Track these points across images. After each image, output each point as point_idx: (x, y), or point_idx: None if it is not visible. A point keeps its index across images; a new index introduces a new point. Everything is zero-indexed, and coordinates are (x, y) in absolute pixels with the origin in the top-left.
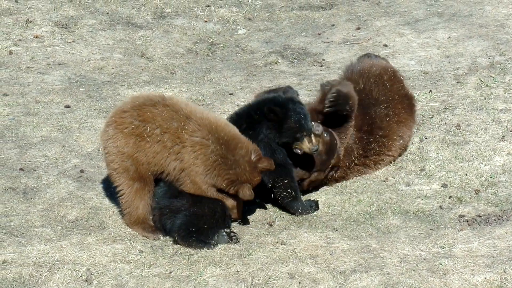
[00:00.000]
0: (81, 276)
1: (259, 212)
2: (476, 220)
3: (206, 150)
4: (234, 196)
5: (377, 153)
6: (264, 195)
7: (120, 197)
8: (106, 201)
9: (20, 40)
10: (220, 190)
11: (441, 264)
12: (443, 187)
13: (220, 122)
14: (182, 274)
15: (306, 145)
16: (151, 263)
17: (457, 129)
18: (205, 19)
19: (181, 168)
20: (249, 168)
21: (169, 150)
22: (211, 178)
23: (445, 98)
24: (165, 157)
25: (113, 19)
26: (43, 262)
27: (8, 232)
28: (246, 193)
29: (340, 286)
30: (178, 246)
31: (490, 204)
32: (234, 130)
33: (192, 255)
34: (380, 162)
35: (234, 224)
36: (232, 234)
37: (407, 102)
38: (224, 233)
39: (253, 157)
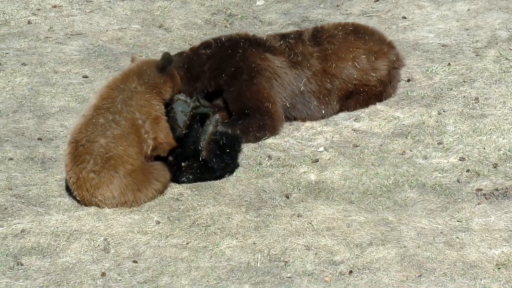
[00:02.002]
0: (98, 245)
1: (275, 184)
2: (493, 194)
3: None
4: None
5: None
6: None
7: None
8: None
9: (38, 9)
10: None
11: (458, 238)
12: (460, 160)
13: None
14: (199, 245)
15: None
16: (168, 234)
17: (476, 103)
18: None
19: None
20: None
21: None
22: None
23: (464, 71)
24: None
25: None
26: (61, 231)
27: (26, 201)
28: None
29: (356, 258)
30: (195, 217)
31: (508, 178)
32: None
33: (209, 226)
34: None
35: (250, 196)
36: None
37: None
38: None
39: None
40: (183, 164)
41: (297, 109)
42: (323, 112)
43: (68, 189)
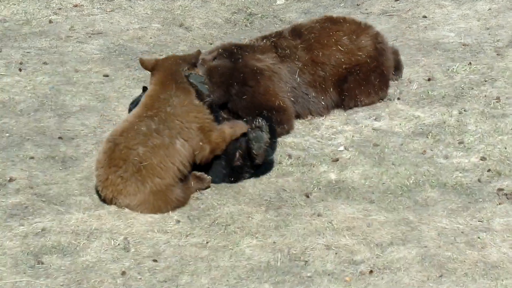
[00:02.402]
0: (118, 244)
1: (295, 183)
2: None
3: None
4: None
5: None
6: None
7: None
8: None
9: (60, 9)
10: None
11: (479, 238)
12: (482, 160)
13: None
14: (219, 244)
15: None
16: (188, 233)
17: (497, 102)
18: None
19: None
20: None
21: None
22: None
23: (485, 70)
24: None
25: None
26: (81, 230)
27: (47, 200)
28: None
29: (377, 258)
30: (215, 216)
31: None
32: None
33: (229, 225)
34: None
35: (270, 195)
36: None
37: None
38: None
39: None
40: (238, 163)
41: (299, 104)
42: (323, 102)
43: (89, 184)
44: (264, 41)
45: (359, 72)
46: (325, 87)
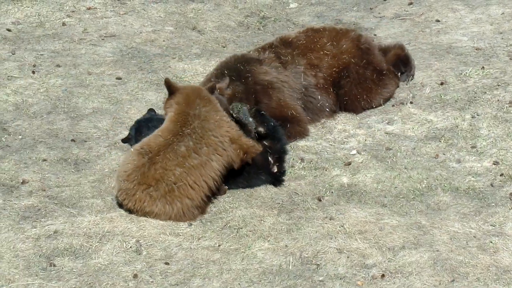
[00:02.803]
0: (130, 247)
1: (308, 187)
2: None
3: None
4: None
5: None
6: None
7: None
8: None
9: (73, 11)
10: None
11: (491, 242)
12: (494, 164)
13: None
14: (231, 247)
15: None
16: (200, 236)
17: (510, 106)
18: None
19: None
20: None
21: None
22: None
23: (498, 74)
24: None
25: None
26: (93, 232)
27: (59, 203)
28: None
29: (388, 262)
30: (228, 219)
31: None
32: None
33: (241, 228)
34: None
35: (282, 199)
36: None
37: None
38: None
39: None
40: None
41: (309, 109)
42: (329, 103)
43: (101, 187)
44: (266, 52)
45: (352, 73)
46: (327, 87)
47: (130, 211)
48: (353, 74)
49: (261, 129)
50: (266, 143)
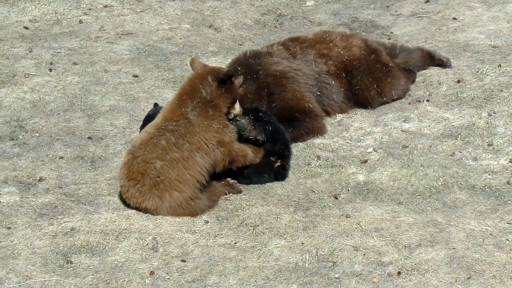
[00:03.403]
0: (147, 244)
1: (324, 185)
2: None
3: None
4: None
5: None
6: None
7: None
8: None
9: (90, 9)
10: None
11: (507, 240)
12: (510, 162)
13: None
14: (247, 244)
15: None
16: (216, 233)
17: None
18: None
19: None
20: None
21: None
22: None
23: None
24: None
25: None
26: (110, 230)
27: (76, 200)
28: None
29: (405, 259)
30: (244, 217)
31: None
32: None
33: (257, 226)
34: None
35: (299, 196)
36: None
37: None
38: None
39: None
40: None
41: (324, 96)
42: (343, 91)
43: (118, 184)
44: (275, 47)
45: (362, 64)
46: (339, 73)
47: (133, 206)
48: (363, 66)
49: (259, 138)
50: (268, 147)
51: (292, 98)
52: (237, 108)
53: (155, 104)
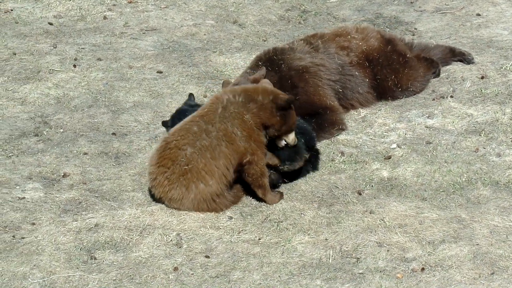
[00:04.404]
0: (171, 240)
1: (348, 181)
2: None
3: None
4: None
5: None
6: None
7: None
8: None
9: (114, 5)
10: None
11: None
12: None
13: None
14: (271, 240)
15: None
16: (240, 229)
17: None
18: None
19: None
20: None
21: None
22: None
23: None
24: None
25: None
26: (134, 226)
27: (100, 196)
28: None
29: (428, 255)
30: (268, 213)
31: None
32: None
33: (281, 222)
34: None
35: (323, 192)
36: None
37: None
38: None
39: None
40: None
41: (348, 89)
42: (367, 81)
43: (142, 180)
44: (296, 42)
45: (381, 55)
46: (362, 63)
47: (159, 197)
48: (382, 57)
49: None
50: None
51: (314, 93)
52: (291, 138)
53: (190, 95)
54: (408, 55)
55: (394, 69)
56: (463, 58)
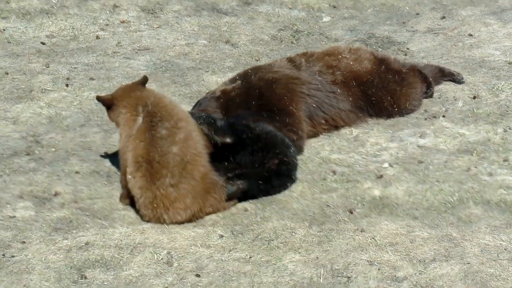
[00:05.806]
0: (161, 258)
1: (339, 199)
2: None
3: None
4: None
5: None
6: None
7: None
8: None
9: (107, 25)
10: None
11: None
12: None
13: None
14: (262, 259)
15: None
16: (231, 247)
17: None
18: (289, 6)
19: None
20: None
21: None
22: None
23: None
24: None
25: (199, 5)
26: (124, 244)
27: (91, 214)
28: None
29: (419, 274)
30: (259, 231)
31: None
32: None
33: (272, 240)
34: None
35: (314, 211)
36: None
37: None
38: None
39: None
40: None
41: (327, 104)
42: (350, 98)
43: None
44: (279, 60)
45: (375, 78)
46: (347, 83)
47: (158, 217)
48: (376, 79)
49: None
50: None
51: (278, 101)
52: None
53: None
54: (403, 71)
55: (390, 90)
56: (453, 78)
